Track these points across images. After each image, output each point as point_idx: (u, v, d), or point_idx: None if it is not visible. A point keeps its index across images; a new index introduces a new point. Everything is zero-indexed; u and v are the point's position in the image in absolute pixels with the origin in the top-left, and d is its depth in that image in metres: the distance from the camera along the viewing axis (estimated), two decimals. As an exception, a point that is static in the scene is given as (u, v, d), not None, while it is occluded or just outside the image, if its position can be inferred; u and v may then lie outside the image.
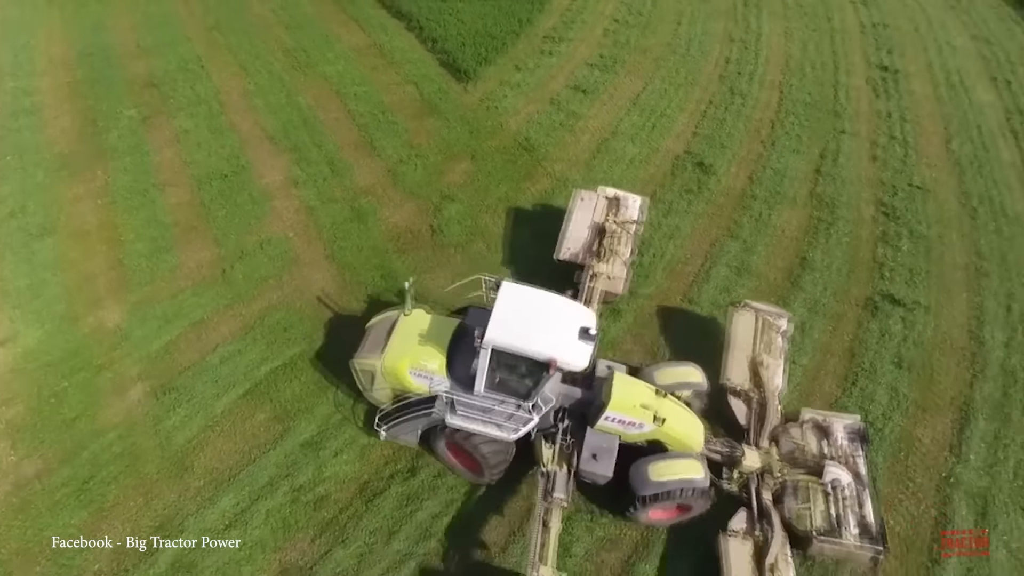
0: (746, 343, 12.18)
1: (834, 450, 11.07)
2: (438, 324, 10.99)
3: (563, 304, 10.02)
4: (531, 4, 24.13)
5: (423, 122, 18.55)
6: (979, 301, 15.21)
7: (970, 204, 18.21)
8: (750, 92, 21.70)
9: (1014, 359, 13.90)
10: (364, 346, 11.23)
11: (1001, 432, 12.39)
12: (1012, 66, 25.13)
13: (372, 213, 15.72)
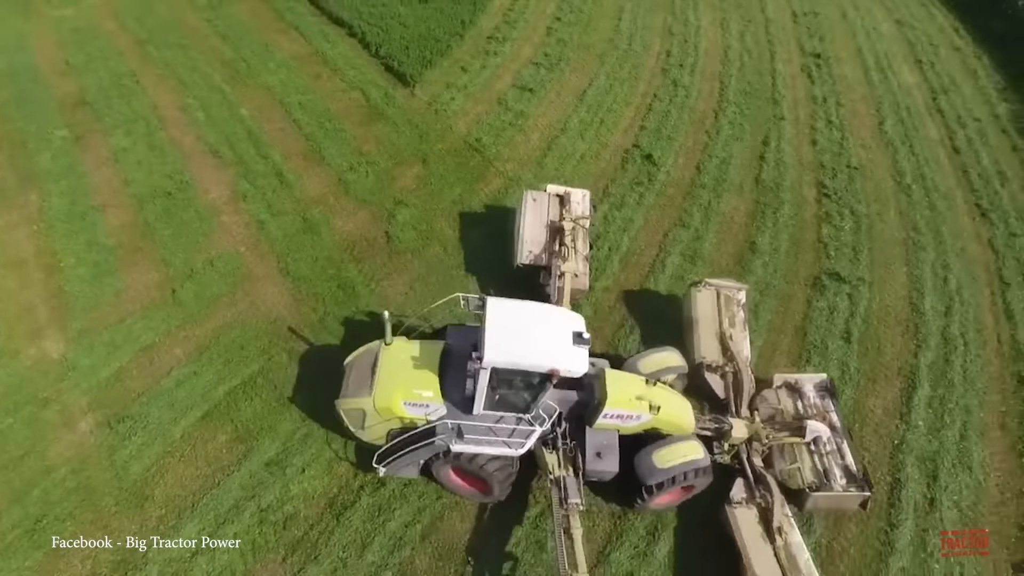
0: (711, 320, 12.62)
1: (808, 408, 11.68)
2: (423, 350, 10.59)
3: (550, 312, 10.01)
4: (472, 5, 24.10)
5: (371, 128, 18.35)
6: (918, 274, 15.94)
7: (904, 182, 19.05)
8: (692, 84, 22.20)
9: (953, 327, 14.61)
10: (347, 386, 10.65)
11: (945, 397, 13.03)
12: (934, 48, 26.41)
13: (324, 223, 15.48)
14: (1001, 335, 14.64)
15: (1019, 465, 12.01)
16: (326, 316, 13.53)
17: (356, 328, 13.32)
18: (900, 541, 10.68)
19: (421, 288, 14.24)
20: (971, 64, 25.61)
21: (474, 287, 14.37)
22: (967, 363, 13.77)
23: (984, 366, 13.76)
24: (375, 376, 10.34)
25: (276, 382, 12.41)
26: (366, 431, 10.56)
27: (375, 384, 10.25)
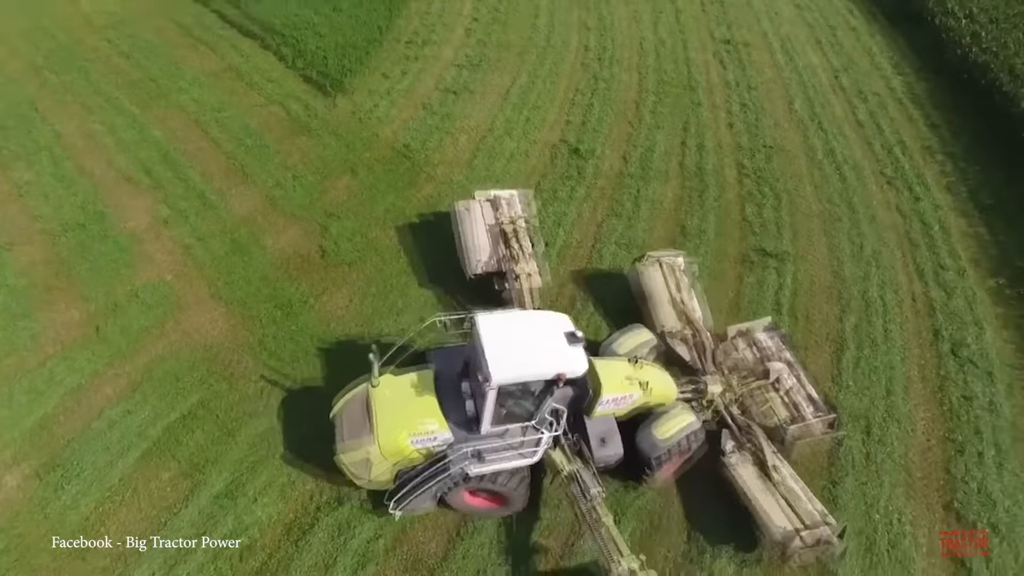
0: (661, 290, 13.24)
1: (764, 351, 12.52)
2: (414, 382, 10.33)
3: (538, 317, 10.13)
4: (388, 11, 23.86)
5: (295, 142, 17.92)
6: (836, 243, 16.85)
7: (816, 157, 20.08)
8: (612, 76, 22.70)
9: (872, 290, 15.54)
10: (342, 436, 10.10)
11: (870, 356, 13.85)
12: (832, 29, 27.88)
13: (255, 242, 15.03)
14: (915, 293, 15.66)
15: (940, 412, 12.91)
16: (265, 338, 13.16)
17: (297, 348, 13.02)
18: (843, 496, 11.30)
19: (361, 301, 14.04)
20: (866, 42, 27.19)
21: (416, 295, 14.28)
22: (887, 323, 14.68)
23: (902, 324, 14.70)
24: (372, 419, 9.94)
25: (218, 411, 11.98)
26: (373, 478, 10.12)
27: (376, 427, 9.85)
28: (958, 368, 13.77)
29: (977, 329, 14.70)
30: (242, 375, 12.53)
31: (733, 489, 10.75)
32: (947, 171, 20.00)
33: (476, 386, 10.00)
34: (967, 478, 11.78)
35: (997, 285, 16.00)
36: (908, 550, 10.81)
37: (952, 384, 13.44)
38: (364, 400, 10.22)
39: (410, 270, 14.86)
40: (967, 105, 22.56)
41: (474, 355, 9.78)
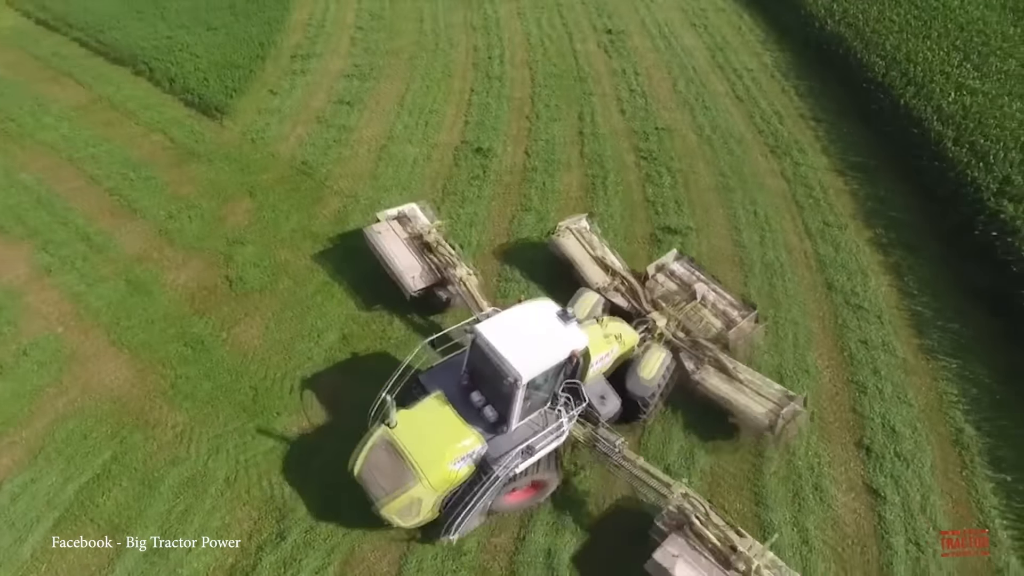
0: (581, 253, 14.56)
1: (682, 277, 14.39)
2: (429, 409, 10.38)
3: (525, 310, 10.73)
4: (267, 25, 23.11)
5: (184, 170, 17.03)
6: (732, 213, 17.84)
7: (705, 134, 21.16)
8: (504, 74, 22.99)
9: (769, 253, 16.57)
10: (381, 489, 9.79)
11: (776, 315, 14.79)
12: (703, 12, 29.44)
13: (154, 281, 14.19)
14: (807, 251, 16.84)
15: (842, 359, 13.98)
16: (178, 380, 12.47)
17: (215, 385, 12.43)
18: (767, 450, 12.03)
19: (278, 327, 13.57)
20: (735, 22, 28.90)
21: (336, 313, 13.96)
22: (786, 282, 15.72)
23: (799, 281, 15.79)
24: (407, 460, 9.80)
25: (134, 465, 11.25)
26: (423, 515, 10.02)
27: (416, 466, 9.75)
28: (852, 315, 14.95)
29: (864, 277, 16.01)
30: (157, 422, 11.82)
31: (709, 400, 12.17)
32: (820, 136, 21.59)
33: (492, 390, 10.41)
34: (872, 415, 12.83)
35: (876, 235, 17.48)
36: (829, 489, 11.66)
37: (849, 331, 14.57)
38: (387, 446, 10.00)
39: (326, 288, 14.51)
40: (830, 74, 24.42)
41: (484, 363, 10.19)
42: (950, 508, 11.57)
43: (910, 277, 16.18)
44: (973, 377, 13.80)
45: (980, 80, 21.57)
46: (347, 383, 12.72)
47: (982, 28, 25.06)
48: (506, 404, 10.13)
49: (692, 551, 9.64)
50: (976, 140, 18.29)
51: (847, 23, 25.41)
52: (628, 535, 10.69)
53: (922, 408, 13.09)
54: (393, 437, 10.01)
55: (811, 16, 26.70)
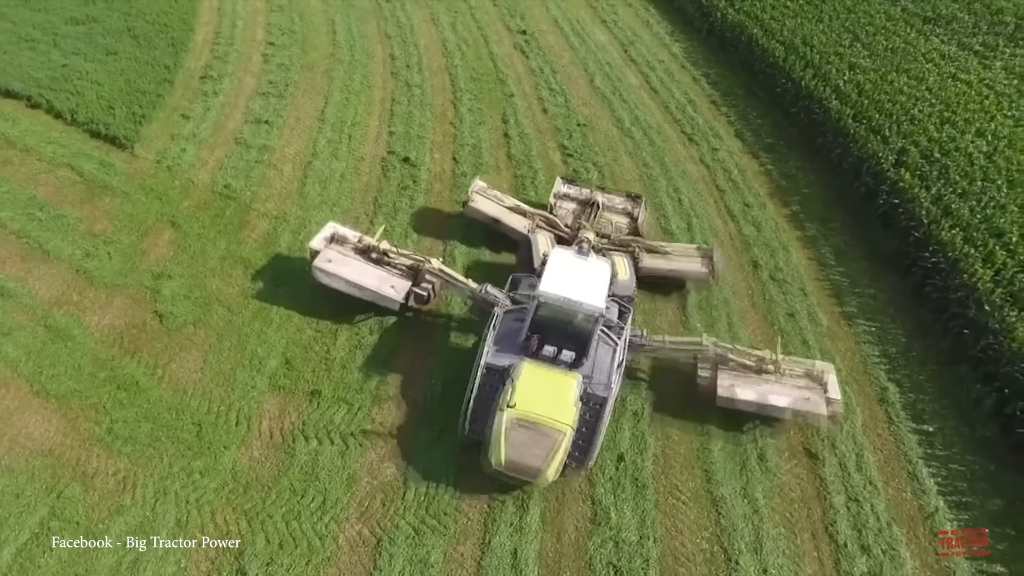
0: (497, 209, 16.11)
1: (574, 195, 17.14)
2: (527, 375, 11.44)
3: (555, 261, 12.65)
4: (172, 47, 22.19)
5: (97, 204, 16.21)
6: (659, 202, 18.49)
7: (625, 127, 21.81)
8: (423, 81, 22.95)
9: (697, 238, 17.23)
10: (536, 458, 10.67)
11: (709, 297, 15.46)
12: (612, 7, 30.28)
13: (75, 324, 13.47)
14: (731, 232, 17.67)
15: (773, 332, 14.69)
16: (114, 424, 11.92)
17: (156, 425, 11.96)
18: (715, 427, 12.60)
19: (217, 358, 13.17)
20: (643, 16, 29.88)
21: (276, 338, 13.69)
22: (714, 264, 16.46)
23: (728, 262, 16.52)
24: (543, 422, 10.88)
25: (76, 518, 10.69)
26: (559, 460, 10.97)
27: (553, 421, 10.91)
28: (778, 290, 15.81)
29: (785, 253, 16.96)
30: (96, 471, 11.27)
31: (655, 277, 15.13)
32: (732, 120, 22.66)
33: (563, 336, 11.99)
34: (805, 383, 13.64)
35: (792, 212, 18.52)
36: (773, 458, 12.33)
37: (777, 306, 15.42)
38: (518, 424, 10.87)
39: (262, 314, 14.17)
40: (735, 61, 25.66)
41: (554, 317, 11.94)
42: (882, 462, 12.47)
43: (826, 248, 17.26)
44: (891, 337, 14.90)
45: (870, 59, 23.17)
46: (296, 408, 12.50)
47: (867, 9, 26.91)
48: (583, 341, 11.84)
49: (737, 375, 12.58)
50: (872, 116, 19.65)
51: (746, 11, 26.74)
52: (585, 525, 11.01)
53: (849, 371, 14.03)
54: (519, 413, 10.90)
55: (712, 6, 27.92)
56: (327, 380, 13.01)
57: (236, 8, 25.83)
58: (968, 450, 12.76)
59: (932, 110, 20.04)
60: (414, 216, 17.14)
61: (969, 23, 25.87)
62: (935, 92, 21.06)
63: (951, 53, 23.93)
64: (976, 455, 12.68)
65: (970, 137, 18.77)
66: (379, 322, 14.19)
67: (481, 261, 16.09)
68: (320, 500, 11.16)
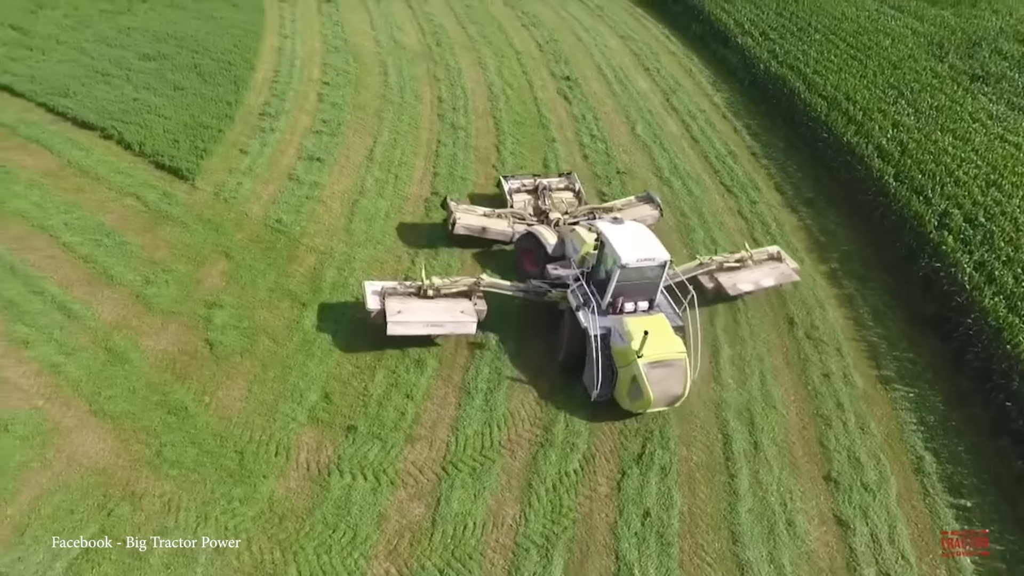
0: (480, 219, 17.62)
1: (522, 187, 19.08)
2: (634, 327, 13.36)
3: (608, 233, 14.24)
4: (234, 84, 23.47)
5: (158, 233, 17.16)
6: (695, 252, 18.65)
7: (664, 175, 22.18)
8: (468, 124, 23.76)
9: (732, 291, 17.38)
10: (678, 386, 13.18)
11: (742, 352, 15.54)
12: (655, 56, 30.94)
13: (132, 347, 14.22)
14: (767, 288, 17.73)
15: (807, 392, 14.72)
16: (163, 448, 12.50)
17: (200, 451, 12.50)
18: (741, 488, 12.60)
19: (260, 389, 13.74)
20: (686, 65, 30.44)
21: (318, 372, 14.21)
22: (750, 319, 16.52)
23: (762, 318, 16.61)
24: (670, 356, 13.09)
25: (123, 537, 11.20)
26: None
27: (676, 353, 13.23)
28: (813, 349, 15.78)
29: (822, 311, 16.93)
30: (144, 492, 11.82)
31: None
32: (772, 173, 22.83)
33: (638, 292, 14.10)
34: (838, 448, 13.51)
35: (831, 269, 18.51)
36: (801, 523, 12.23)
37: (812, 365, 15.38)
38: (651, 366, 12.89)
39: (305, 347, 14.74)
40: (777, 113, 25.90)
41: (633, 277, 13.84)
42: (916, 535, 12.25)
43: (864, 308, 17.17)
44: (929, 404, 14.70)
45: (915, 117, 23.16)
46: (332, 442, 12.95)
47: (912, 66, 26.93)
48: (654, 289, 14.21)
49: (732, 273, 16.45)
50: (915, 175, 19.62)
51: (788, 64, 27.03)
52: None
53: (884, 438, 13.89)
54: (649, 359, 12.90)
55: (755, 58, 28.30)
56: (363, 416, 13.45)
57: (295, 48, 27.21)
58: (1008, 528, 12.46)
59: (978, 172, 19.92)
60: (453, 254, 17.71)
61: (1019, 82, 25.71)
62: (981, 153, 20.93)
63: (999, 113, 23.78)
64: (1016, 534, 12.37)
65: (1017, 201, 18.58)
66: (415, 361, 14.64)
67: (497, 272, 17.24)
68: (351, 536, 11.50)
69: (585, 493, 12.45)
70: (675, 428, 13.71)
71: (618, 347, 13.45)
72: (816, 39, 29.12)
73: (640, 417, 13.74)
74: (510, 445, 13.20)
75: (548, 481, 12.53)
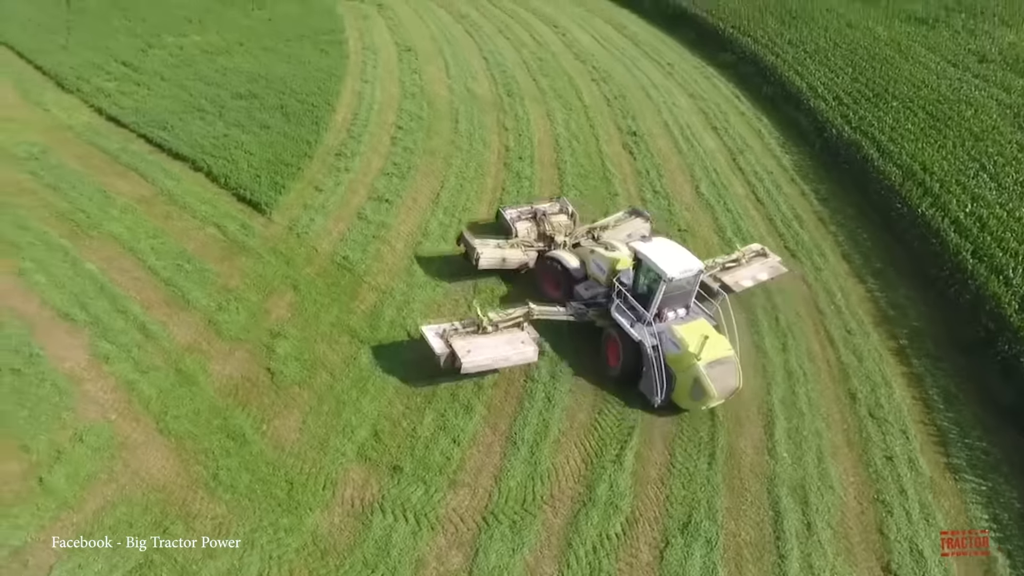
0: (498, 253, 18.43)
1: (522, 215, 19.90)
2: (687, 333, 14.81)
3: (642, 251, 15.49)
4: (315, 125, 24.84)
5: (234, 262, 18.15)
6: (753, 317, 18.34)
7: (726, 236, 21.97)
8: (533, 174, 24.29)
9: (791, 360, 16.95)
10: (736, 377, 14.83)
11: (799, 426, 15.04)
12: (724, 115, 30.94)
13: (201, 371, 14.97)
14: (829, 359, 17.19)
15: (868, 475, 14.08)
16: (219, 471, 13.01)
17: (254, 478, 12.94)
18: (791, 571, 12.06)
19: (314, 422, 14.17)
20: (755, 125, 30.32)
21: (370, 409, 14.56)
22: (809, 391, 16.02)
23: (822, 391, 16.08)
24: (727, 356, 14.71)
25: (175, 555, 11.65)
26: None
27: (729, 351, 14.85)
28: (877, 429, 15.13)
29: (888, 389, 16.25)
30: (198, 513, 12.29)
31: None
32: (840, 240, 22.30)
33: (677, 300, 15.74)
34: (899, 538, 12.80)
35: (900, 345, 17.80)
36: (856, 613, 11.62)
37: (874, 446, 14.73)
38: (709, 365, 14.34)
39: (360, 384, 15.15)
40: (847, 178, 25.41)
41: (676, 288, 15.17)
42: (982, 643, 11.43)
43: (934, 389, 16.39)
44: (1004, 501, 13.79)
45: (996, 191, 22.29)
46: (378, 480, 13.17)
47: (997, 138, 26.00)
48: (690, 295, 15.81)
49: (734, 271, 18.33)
50: (994, 253, 18.80)
51: (862, 130, 26.55)
52: None
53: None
54: (706, 360, 14.31)
55: (827, 122, 27.94)
56: (410, 457, 13.65)
57: (374, 93, 28.64)
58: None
59: (1064, 254, 18.93)
60: (507, 298, 18.08)
61: (1113, 161, 24.45)
62: (1069, 235, 19.91)
63: (1090, 193, 22.62)
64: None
65: (1107, 289, 17.54)
66: (464, 406, 14.83)
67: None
68: (389, 578, 11.60)
69: (626, 559, 12.19)
70: (724, 499, 13.32)
71: (673, 354, 14.75)
72: (893, 106, 28.54)
73: (687, 484, 13.44)
74: (552, 501, 13.11)
75: (588, 543, 12.35)
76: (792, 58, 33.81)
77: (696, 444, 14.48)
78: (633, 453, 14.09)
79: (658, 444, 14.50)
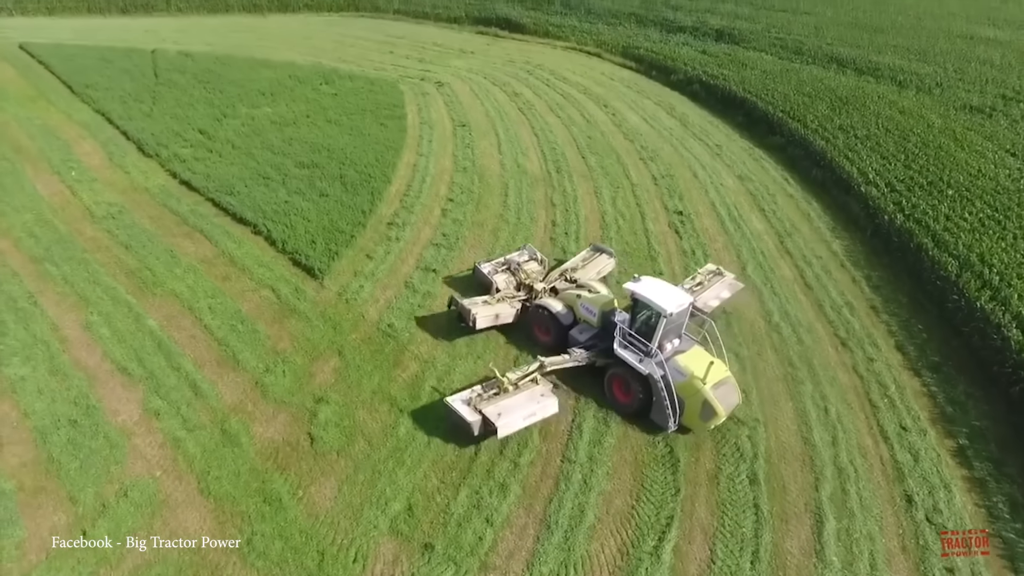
0: (491, 310, 19.12)
1: (497, 268, 20.99)
2: (689, 360, 16.21)
3: (641, 289, 16.52)
4: (371, 194, 26.00)
5: (284, 325, 18.78)
6: (802, 407, 17.77)
7: (773, 320, 21.59)
8: (579, 249, 24.55)
9: (842, 455, 16.24)
10: (737, 396, 16.60)
11: (850, 527, 14.25)
12: (772, 197, 30.96)
13: (244, 432, 15.32)
14: (883, 457, 16.40)
15: (924, 584, 13.19)
16: (253, 536, 13.10)
17: (286, 546, 12.98)
18: None
19: (349, 491, 14.21)
20: (804, 208, 30.19)
21: (405, 482, 14.53)
22: (861, 490, 15.24)
23: (875, 490, 15.28)
24: (728, 378, 16.32)
25: (203, 622, 11.66)
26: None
27: (729, 375, 16.37)
28: (935, 537, 14.19)
29: (947, 492, 15.32)
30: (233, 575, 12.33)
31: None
32: (893, 330, 21.62)
33: (672, 332, 16.67)
34: (959, 661, 11.87)
35: (959, 446, 16.89)
36: None
37: (932, 555, 13.77)
38: (716, 387, 15.71)
39: (397, 454, 15.19)
40: (901, 267, 24.85)
41: (673, 322, 16.26)
42: None
43: (998, 497, 15.37)
44: (1075, 625, 12.66)
45: (1062, 287, 21.41)
46: (408, 557, 12.99)
47: (1061, 230, 25.18)
48: (682, 326, 16.95)
49: (704, 291, 20.57)
50: (1061, 354, 17.92)
51: (916, 219, 26.09)
52: None
53: (1017, 657, 12.01)
54: (712, 382, 15.67)
55: (879, 209, 27.60)
56: (442, 535, 13.47)
57: (428, 166, 29.91)
58: None
59: None
60: (523, 349, 17.88)
61: None
62: None
63: None
64: None
65: None
66: (499, 485, 14.64)
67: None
68: (414, 664, 11.27)
69: (661, 663, 11.56)
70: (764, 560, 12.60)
71: (680, 382, 15.90)
72: (948, 195, 28.09)
73: (729, 584, 12.80)
74: (586, 592, 12.66)
75: (622, 641, 11.80)
76: (843, 143, 33.88)
77: (738, 541, 13.85)
78: (671, 547, 13.57)
79: (698, 538, 13.94)
